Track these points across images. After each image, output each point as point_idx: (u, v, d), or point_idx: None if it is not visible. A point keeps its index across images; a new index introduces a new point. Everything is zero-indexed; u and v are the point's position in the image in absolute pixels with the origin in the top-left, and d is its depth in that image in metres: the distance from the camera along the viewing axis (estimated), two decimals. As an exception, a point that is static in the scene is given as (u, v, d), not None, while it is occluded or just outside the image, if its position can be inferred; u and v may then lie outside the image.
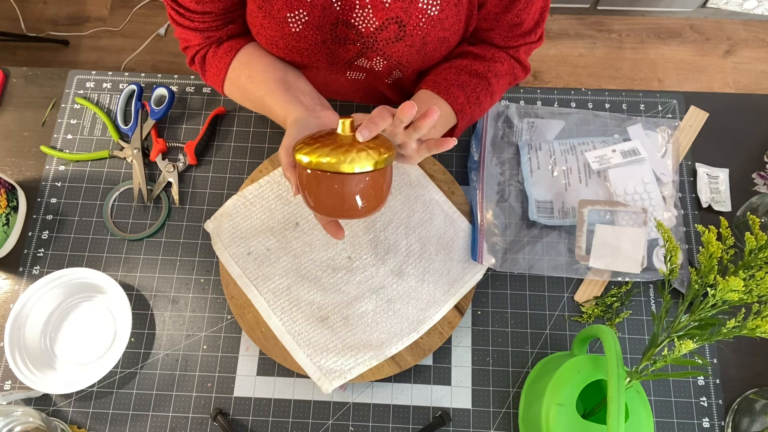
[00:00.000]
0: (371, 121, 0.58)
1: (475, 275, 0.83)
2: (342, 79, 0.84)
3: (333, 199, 0.61)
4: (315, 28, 0.72)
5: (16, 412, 0.69)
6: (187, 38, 0.80)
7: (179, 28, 0.78)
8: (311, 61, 0.77)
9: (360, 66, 0.80)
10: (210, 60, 0.80)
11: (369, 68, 0.80)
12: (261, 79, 0.77)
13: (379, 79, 0.84)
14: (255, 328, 0.81)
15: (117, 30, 2.10)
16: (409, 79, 0.85)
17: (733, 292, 0.57)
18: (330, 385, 0.77)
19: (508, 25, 0.76)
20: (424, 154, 0.65)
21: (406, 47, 0.74)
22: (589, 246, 0.84)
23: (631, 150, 0.88)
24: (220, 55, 0.79)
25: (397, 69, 0.79)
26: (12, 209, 0.87)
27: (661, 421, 0.80)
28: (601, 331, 0.66)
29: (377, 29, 0.72)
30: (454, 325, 0.81)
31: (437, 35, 0.74)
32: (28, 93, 0.98)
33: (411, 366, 0.79)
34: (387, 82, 0.84)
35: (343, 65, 0.79)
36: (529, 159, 0.90)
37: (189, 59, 0.83)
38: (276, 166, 0.89)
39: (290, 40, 0.74)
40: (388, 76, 0.82)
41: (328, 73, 0.82)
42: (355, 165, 0.58)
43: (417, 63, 0.78)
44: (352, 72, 0.82)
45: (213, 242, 0.85)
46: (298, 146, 0.61)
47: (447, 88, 0.77)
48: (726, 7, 2.01)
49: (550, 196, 0.88)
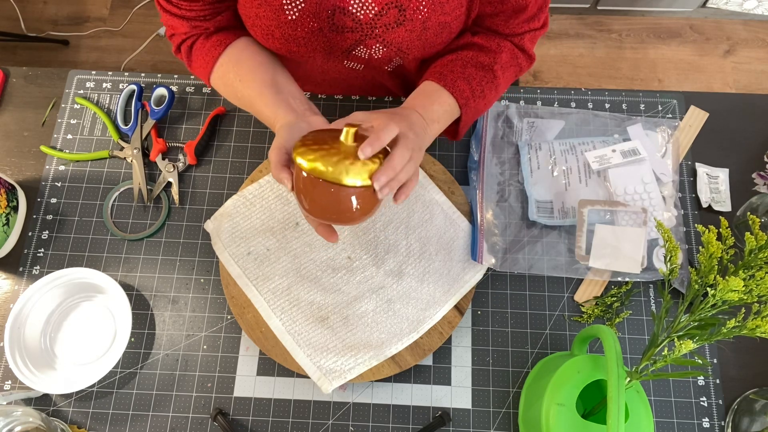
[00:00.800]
0: (376, 138, 0.58)
1: (475, 275, 0.83)
2: (340, 67, 0.83)
3: (328, 204, 0.61)
4: (311, 15, 0.72)
5: (16, 412, 0.69)
6: (173, 25, 0.79)
7: (166, 14, 0.77)
8: (308, 50, 0.76)
9: (358, 56, 0.79)
10: (197, 51, 0.79)
11: (368, 57, 0.79)
12: (250, 78, 0.76)
13: (378, 68, 0.83)
14: (255, 328, 0.81)
15: (117, 30, 2.10)
16: (410, 68, 0.85)
17: (733, 292, 0.57)
18: (330, 385, 0.77)
19: (511, 9, 0.76)
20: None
21: (406, 33, 0.74)
22: (589, 246, 0.84)
23: (631, 150, 0.88)
24: (208, 48, 0.78)
25: (397, 56, 0.78)
26: (12, 209, 0.87)
27: (661, 421, 0.80)
28: (601, 331, 0.66)
29: (376, 15, 0.72)
30: (454, 325, 0.81)
31: (438, 20, 0.73)
32: (28, 93, 0.98)
33: (411, 366, 0.79)
34: (387, 69, 0.83)
35: (341, 54, 0.78)
36: (529, 159, 0.90)
37: (175, 47, 0.82)
38: None
39: (286, 29, 0.73)
40: (388, 64, 0.81)
41: (325, 63, 0.81)
42: (357, 178, 0.58)
43: (417, 49, 0.77)
44: (350, 62, 0.81)
45: (213, 242, 0.85)
46: (299, 149, 0.60)
47: (453, 81, 0.76)
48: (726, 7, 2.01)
49: (550, 196, 0.88)
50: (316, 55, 0.78)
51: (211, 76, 0.80)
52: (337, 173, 0.58)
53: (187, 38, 0.80)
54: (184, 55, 0.81)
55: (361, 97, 0.97)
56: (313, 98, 0.96)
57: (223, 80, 0.79)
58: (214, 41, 0.78)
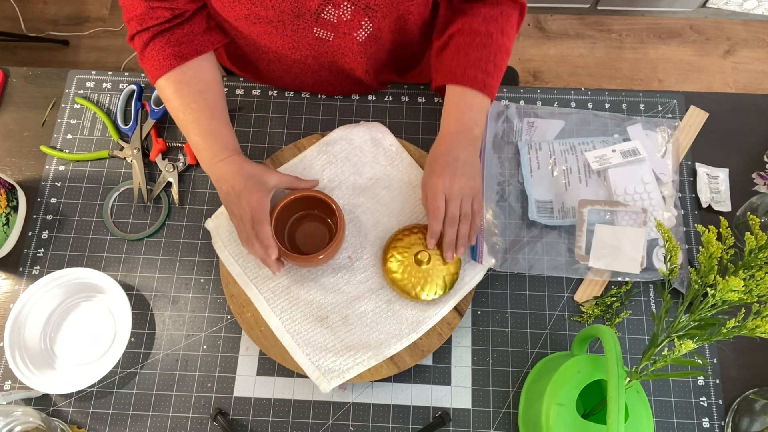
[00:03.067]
0: (448, 247, 0.78)
1: (475, 276, 0.83)
2: (309, 38, 0.82)
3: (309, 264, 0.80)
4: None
5: (16, 412, 0.69)
6: (131, 3, 0.77)
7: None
8: (275, 14, 0.75)
9: (327, 19, 0.78)
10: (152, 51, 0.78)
11: (336, 21, 0.78)
12: (193, 102, 0.79)
13: (349, 36, 0.81)
14: (254, 327, 0.81)
15: (117, 30, 2.10)
16: (383, 39, 0.84)
17: (733, 292, 0.57)
18: (328, 385, 0.77)
19: None
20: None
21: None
22: (588, 246, 0.84)
23: (631, 150, 0.88)
24: (164, 56, 0.78)
25: (366, 17, 0.78)
26: (12, 209, 0.87)
27: (661, 421, 0.80)
28: (601, 331, 0.66)
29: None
30: (453, 326, 0.81)
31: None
32: (28, 93, 0.98)
33: (410, 367, 0.79)
34: (357, 39, 0.81)
35: (310, 18, 0.77)
36: (529, 159, 0.90)
37: (129, 35, 0.80)
38: (276, 166, 0.89)
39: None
40: (358, 30, 0.80)
41: (294, 33, 0.80)
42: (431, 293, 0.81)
43: (386, 5, 0.77)
44: (319, 29, 0.79)
45: (213, 241, 0.85)
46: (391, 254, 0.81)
47: (463, 73, 0.80)
48: (726, 7, 2.01)
49: (550, 196, 0.88)
50: (285, 19, 0.77)
51: (158, 82, 0.80)
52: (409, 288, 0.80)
53: (143, 30, 0.78)
54: (138, 46, 0.79)
55: (345, 97, 0.96)
56: (297, 96, 0.96)
57: (165, 92, 0.80)
58: (173, 52, 0.78)
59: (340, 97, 0.96)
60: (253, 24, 0.79)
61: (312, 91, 0.96)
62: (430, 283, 0.79)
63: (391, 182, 0.88)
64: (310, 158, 0.89)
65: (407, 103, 0.96)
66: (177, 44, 0.78)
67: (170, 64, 0.78)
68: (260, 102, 0.97)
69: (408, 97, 0.97)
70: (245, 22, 0.79)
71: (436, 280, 0.79)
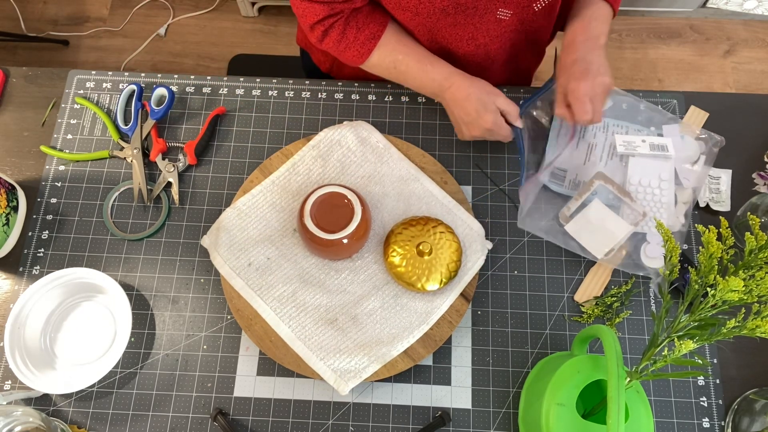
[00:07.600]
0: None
1: (477, 261, 0.83)
2: (489, 24, 0.85)
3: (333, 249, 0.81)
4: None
5: (16, 412, 0.69)
6: (312, 12, 0.82)
7: (303, 2, 0.81)
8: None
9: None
10: (347, 43, 0.85)
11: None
12: (411, 51, 0.86)
13: (528, 8, 0.83)
14: (264, 338, 0.81)
15: (117, 30, 2.10)
16: (554, 7, 0.87)
17: (733, 292, 0.57)
18: (346, 386, 0.77)
19: None
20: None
21: None
22: (576, 213, 0.85)
23: (661, 145, 0.88)
24: (363, 40, 0.85)
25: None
26: (12, 209, 0.87)
27: (661, 421, 0.80)
28: (601, 331, 0.66)
29: None
30: (462, 312, 0.81)
31: None
32: (28, 93, 0.98)
33: (425, 357, 0.80)
34: (535, 8, 0.84)
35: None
36: (559, 124, 0.91)
37: (320, 35, 0.85)
38: (266, 175, 0.89)
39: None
40: (536, 1, 0.83)
41: (481, 18, 0.83)
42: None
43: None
44: (503, 9, 0.82)
45: (212, 257, 0.84)
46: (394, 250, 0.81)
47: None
48: (726, 7, 2.01)
49: (567, 165, 0.89)
50: (477, 5, 0.80)
51: (370, 57, 0.86)
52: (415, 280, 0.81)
53: (333, 21, 0.84)
54: (335, 38, 0.85)
55: (345, 96, 0.96)
56: (297, 96, 0.96)
57: (382, 59, 0.87)
58: (368, 34, 0.85)
59: (341, 96, 0.97)
60: (447, 13, 0.82)
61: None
62: (435, 272, 0.80)
63: (382, 179, 0.88)
64: (300, 163, 0.89)
65: (407, 103, 0.96)
66: (365, 27, 0.85)
67: (369, 48, 0.86)
68: (260, 102, 0.97)
69: (408, 97, 0.97)
70: (441, 14, 0.82)
71: (440, 269, 0.80)
